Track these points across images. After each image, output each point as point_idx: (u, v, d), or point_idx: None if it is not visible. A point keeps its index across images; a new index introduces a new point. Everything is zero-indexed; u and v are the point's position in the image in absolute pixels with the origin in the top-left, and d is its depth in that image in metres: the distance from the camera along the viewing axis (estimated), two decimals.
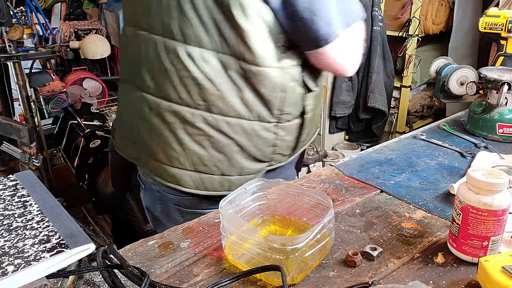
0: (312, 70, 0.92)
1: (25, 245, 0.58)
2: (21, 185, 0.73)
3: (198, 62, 0.85)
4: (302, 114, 0.95)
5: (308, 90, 0.93)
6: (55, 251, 0.56)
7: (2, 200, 0.69)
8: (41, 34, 3.22)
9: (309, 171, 2.51)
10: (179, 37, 0.85)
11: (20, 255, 0.56)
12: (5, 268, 0.53)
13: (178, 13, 0.84)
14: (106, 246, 0.64)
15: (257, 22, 0.82)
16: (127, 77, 0.99)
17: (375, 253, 0.66)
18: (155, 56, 0.89)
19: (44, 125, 2.61)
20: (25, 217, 0.64)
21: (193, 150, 0.91)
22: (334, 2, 0.80)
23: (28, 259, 0.55)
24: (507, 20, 1.26)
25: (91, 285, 0.62)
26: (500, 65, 1.29)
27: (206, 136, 0.90)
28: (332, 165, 1.00)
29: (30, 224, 0.62)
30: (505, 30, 1.26)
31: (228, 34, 0.83)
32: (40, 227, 0.62)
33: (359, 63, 0.91)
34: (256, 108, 0.89)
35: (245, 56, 0.84)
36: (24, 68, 2.48)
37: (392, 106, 2.99)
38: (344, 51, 0.86)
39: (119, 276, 0.61)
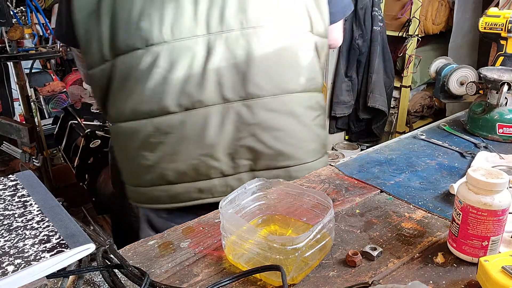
0: None
1: (25, 245, 0.58)
2: (21, 185, 0.73)
3: (293, 41, 0.94)
4: None
5: None
6: (55, 251, 0.56)
7: (2, 200, 0.69)
8: (41, 34, 3.22)
9: None
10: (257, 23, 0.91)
11: (20, 255, 0.56)
12: (5, 268, 0.53)
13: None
14: (106, 246, 0.64)
15: None
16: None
17: (375, 253, 0.66)
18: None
19: (44, 125, 2.61)
20: (25, 217, 0.64)
21: (319, 133, 1.02)
22: None
23: (28, 259, 0.55)
24: (507, 20, 1.26)
25: (91, 285, 0.62)
26: (500, 65, 1.29)
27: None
28: (332, 165, 1.00)
29: (30, 224, 0.62)
30: (505, 30, 1.26)
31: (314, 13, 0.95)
32: (40, 227, 0.62)
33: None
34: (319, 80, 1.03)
35: (321, 30, 0.97)
36: (24, 68, 2.48)
37: (392, 106, 2.99)
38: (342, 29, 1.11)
39: (119, 276, 0.61)
